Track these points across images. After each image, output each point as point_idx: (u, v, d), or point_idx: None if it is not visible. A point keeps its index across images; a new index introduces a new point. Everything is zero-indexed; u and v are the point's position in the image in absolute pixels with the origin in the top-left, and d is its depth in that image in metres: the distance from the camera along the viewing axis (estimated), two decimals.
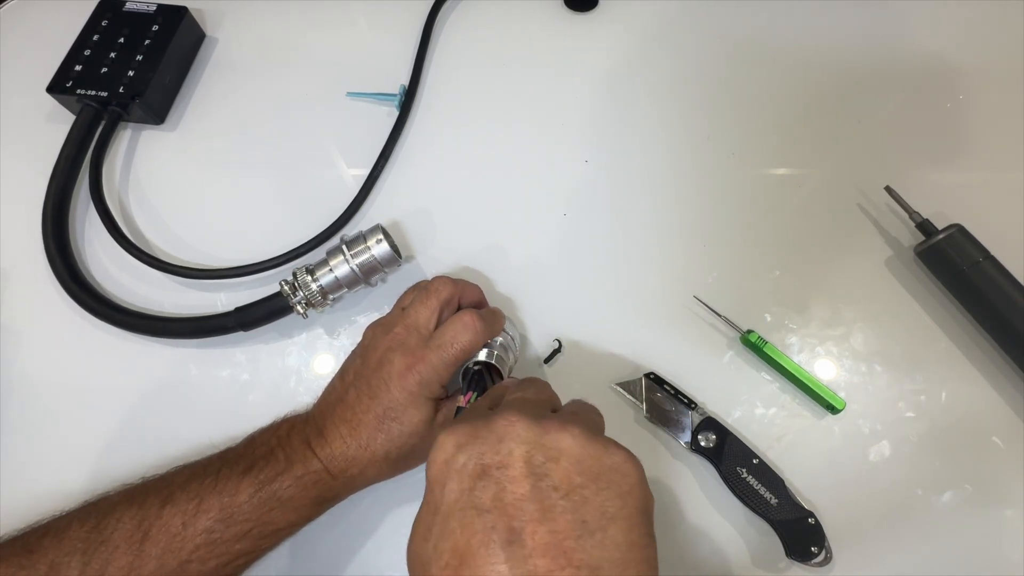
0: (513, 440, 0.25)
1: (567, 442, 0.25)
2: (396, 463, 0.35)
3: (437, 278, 0.38)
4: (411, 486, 0.38)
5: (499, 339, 0.37)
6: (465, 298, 0.39)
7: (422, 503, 0.26)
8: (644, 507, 0.25)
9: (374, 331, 0.37)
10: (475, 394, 0.34)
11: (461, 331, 0.35)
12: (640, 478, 0.25)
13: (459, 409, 0.32)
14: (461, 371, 0.36)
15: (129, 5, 0.51)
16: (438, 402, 0.36)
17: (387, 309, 0.40)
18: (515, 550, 0.22)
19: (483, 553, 0.22)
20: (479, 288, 0.40)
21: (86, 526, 0.32)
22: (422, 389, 0.34)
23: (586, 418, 0.28)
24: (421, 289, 0.38)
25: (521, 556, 0.22)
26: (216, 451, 0.36)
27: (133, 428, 0.41)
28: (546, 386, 0.31)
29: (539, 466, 0.24)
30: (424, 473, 0.26)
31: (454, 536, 0.23)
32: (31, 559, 0.31)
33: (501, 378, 0.36)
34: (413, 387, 0.34)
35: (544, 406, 0.29)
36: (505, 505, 0.23)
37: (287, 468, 0.33)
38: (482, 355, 0.36)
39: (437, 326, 0.36)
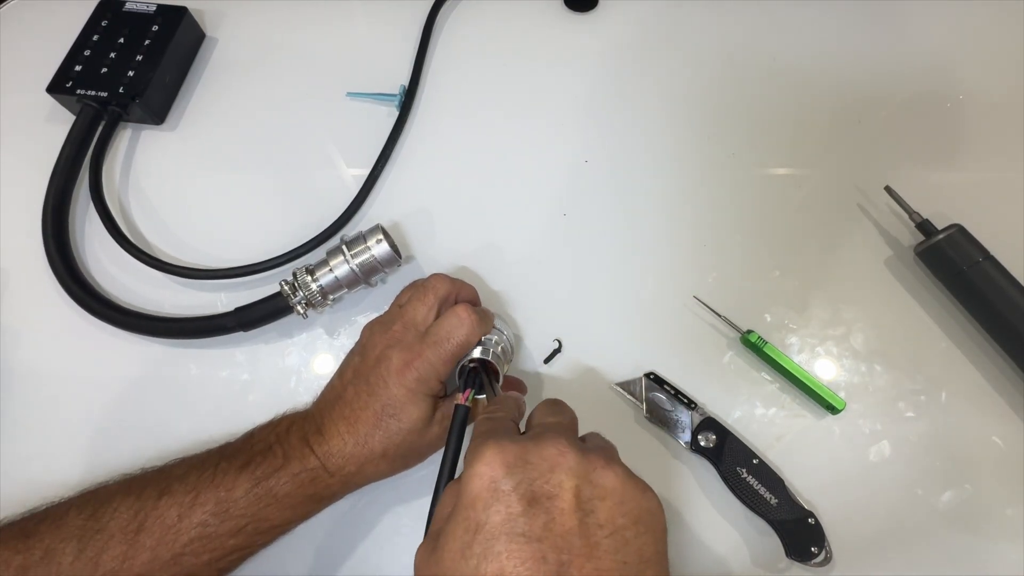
0: (564, 472, 0.25)
1: (612, 481, 0.25)
2: (394, 461, 0.35)
3: (434, 276, 0.38)
4: (410, 485, 0.38)
5: (494, 337, 0.37)
6: (461, 297, 0.39)
7: (454, 516, 0.25)
8: (666, 551, 0.26)
9: (372, 329, 0.37)
10: (472, 392, 0.34)
11: (457, 325, 0.35)
12: (665, 522, 0.26)
13: (458, 407, 0.32)
14: (457, 369, 0.36)
15: (129, 5, 0.51)
16: (437, 400, 0.36)
17: (387, 309, 0.40)
18: None
19: None
20: (474, 288, 0.41)
21: (83, 514, 0.32)
22: (420, 385, 0.34)
23: (615, 454, 0.29)
24: (418, 286, 0.38)
25: None
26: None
27: (133, 429, 0.41)
28: (573, 412, 0.31)
29: (587, 502, 0.25)
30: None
31: (499, 560, 0.23)
32: (28, 543, 0.31)
33: (497, 375, 0.36)
34: (411, 383, 0.34)
35: (577, 435, 0.29)
36: (555, 536, 0.24)
37: (284, 465, 0.33)
38: (478, 352, 0.36)
39: None
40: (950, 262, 0.42)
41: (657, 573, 0.24)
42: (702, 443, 0.38)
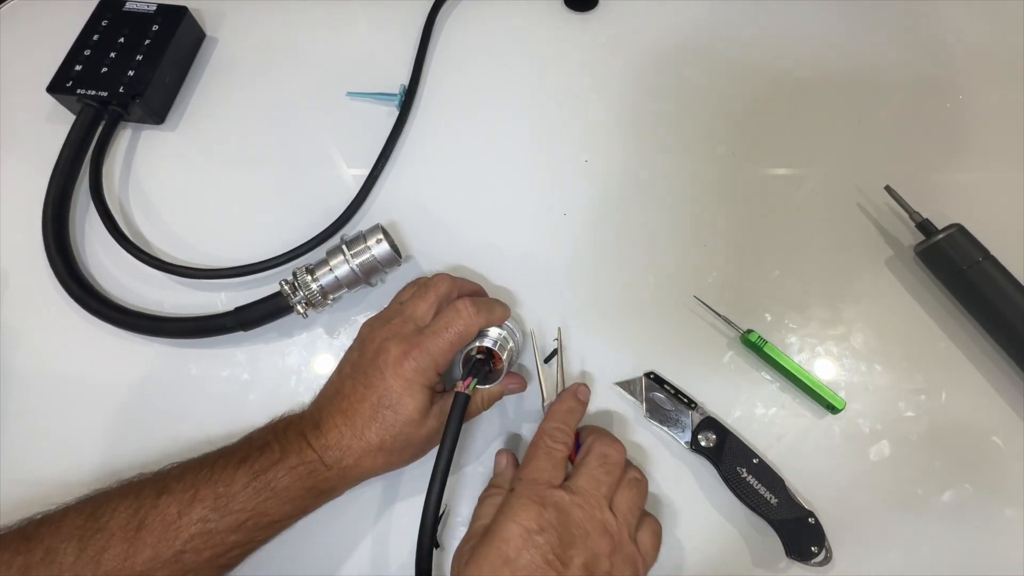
0: (582, 551, 0.31)
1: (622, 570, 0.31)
2: (390, 454, 0.35)
3: (437, 275, 0.39)
4: (409, 483, 0.38)
5: (504, 333, 0.38)
6: (463, 294, 0.39)
7: (491, 537, 0.31)
8: None
9: (371, 325, 0.38)
10: (474, 380, 0.34)
11: (455, 316, 0.35)
12: None
13: (458, 394, 0.33)
14: (462, 358, 0.37)
15: (129, 5, 0.51)
16: (434, 393, 0.36)
17: (387, 305, 0.40)
18: None
19: None
20: (480, 285, 0.41)
21: (83, 515, 0.32)
22: (417, 376, 0.34)
23: (644, 497, 0.35)
24: (420, 284, 0.38)
25: None
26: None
27: (133, 428, 0.41)
28: (619, 469, 0.34)
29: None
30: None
31: None
32: (28, 545, 0.31)
33: (500, 369, 0.37)
34: (409, 373, 0.34)
35: (614, 492, 0.34)
36: None
37: (282, 459, 0.33)
38: (487, 343, 0.36)
39: None
40: (950, 262, 0.42)
41: None
42: (702, 443, 0.38)
